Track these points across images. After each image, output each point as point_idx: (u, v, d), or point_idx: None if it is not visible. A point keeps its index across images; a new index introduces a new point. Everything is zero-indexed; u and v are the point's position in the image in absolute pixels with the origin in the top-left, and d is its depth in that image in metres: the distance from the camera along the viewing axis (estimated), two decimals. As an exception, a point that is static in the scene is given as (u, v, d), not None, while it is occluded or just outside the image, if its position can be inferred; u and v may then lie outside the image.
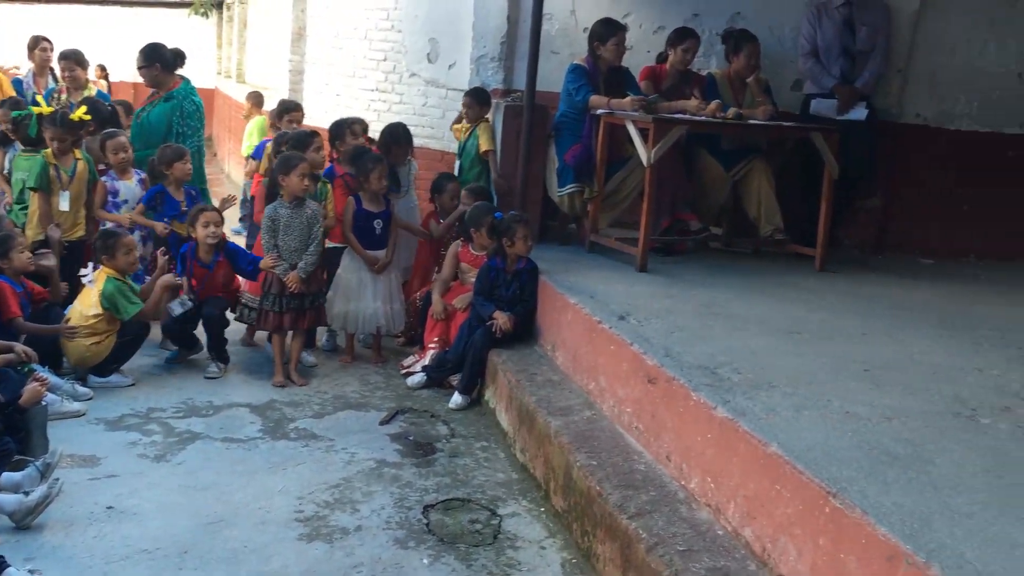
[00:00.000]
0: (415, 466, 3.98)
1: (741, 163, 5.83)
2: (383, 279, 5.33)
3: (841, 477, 2.43)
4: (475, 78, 6.23)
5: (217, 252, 5.03)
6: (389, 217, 5.37)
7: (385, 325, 5.39)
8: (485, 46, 6.15)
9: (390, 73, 7.29)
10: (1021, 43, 6.46)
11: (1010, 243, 6.67)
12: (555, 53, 6.04)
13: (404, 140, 5.75)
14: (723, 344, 3.71)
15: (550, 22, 5.99)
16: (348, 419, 4.51)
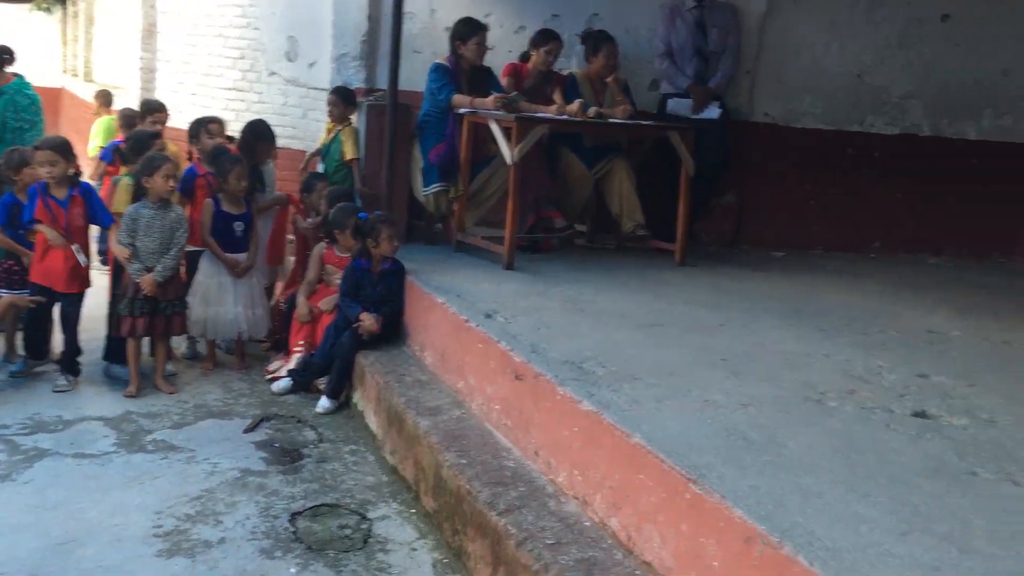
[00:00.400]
0: (281, 473, 3.89)
1: (603, 161, 5.95)
2: (244, 283, 5.18)
3: (701, 464, 2.50)
4: (336, 77, 6.12)
5: (71, 187, 4.75)
6: (251, 219, 5.22)
7: (247, 330, 5.23)
8: (346, 45, 6.06)
9: (248, 72, 7.09)
10: (860, 45, 6.84)
11: (852, 234, 7.07)
12: (417, 52, 6.00)
13: (268, 137, 5.61)
14: (588, 339, 3.77)
15: (411, 21, 5.96)
16: (210, 428, 4.36)
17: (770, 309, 4.65)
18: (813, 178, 6.92)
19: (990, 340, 4.37)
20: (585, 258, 5.72)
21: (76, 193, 4.78)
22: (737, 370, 3.48)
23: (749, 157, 6.66)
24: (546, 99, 5.72)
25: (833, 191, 6.97)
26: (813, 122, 6.87)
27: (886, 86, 6.98)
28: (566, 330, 3.89)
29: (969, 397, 3.37)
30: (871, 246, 7.17)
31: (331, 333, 4.76)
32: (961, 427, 3.02)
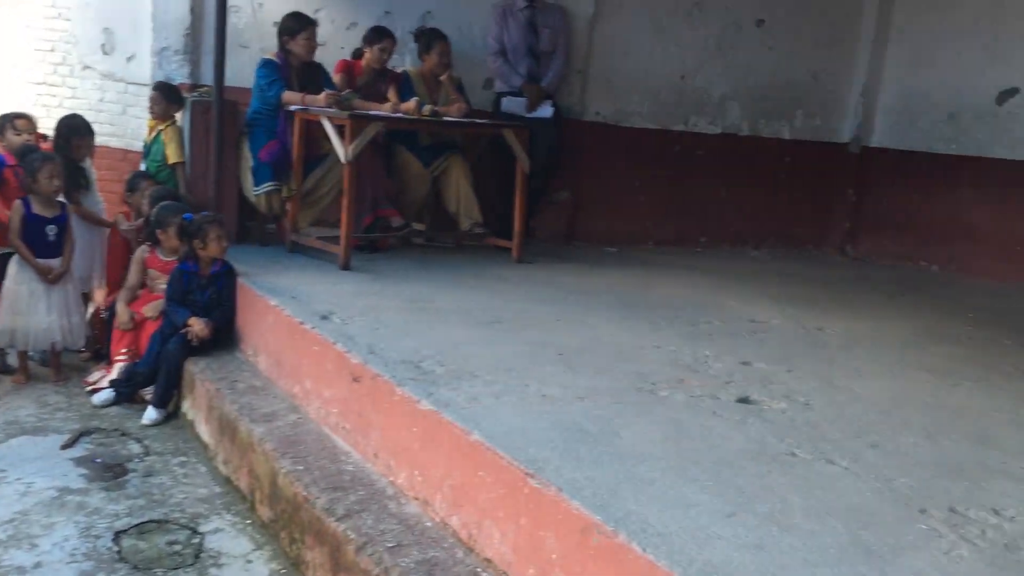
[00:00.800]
0: (104, 490, 3.66)
1: (439, 160, 5.94)
2: (58, 290, 4.84)
3: (539, 457, 2.53)
4: (158, 72, 5.84)
5: None
6: (65, 222, 4.89)
7: (62, 340, 4.90)
8: (167, 38, 5.78)
9: (59, 65, 6.66)
10: (683, 48, 7.13)
11: (680, 229, 7.38)
12: (244, 47, 5.81)
13: (84, 131, 5.27)
14: (427, 338, 3.75)
15: (237, 15, 5.76)
16: (23, 446, 4.06)
17: (604, 303, 4.77)
18: (643, 175, 7.16)
19: (806, 327, 4.64)
20: (423, 257, 5.70)
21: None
22: (573, 364, 3.54)
23: (582, 155, 6.82)
24: (380, 97, 5.65)
25: (662, 188, 7.24)
26: (641, 121, 7.11)
27: (707, 87, 7.31)
28: (404, 329, 3.85)
29: (787, 382, 3.56)
30: (698, 240, 7.50)
31: (157, 340, 4.53)
32: (780, 411, 3.19)
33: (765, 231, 7.73)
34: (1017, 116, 6.86)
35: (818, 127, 7.83)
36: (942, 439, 3.02)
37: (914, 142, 7.52)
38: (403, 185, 5.83)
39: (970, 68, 7.13)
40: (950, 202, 7.25)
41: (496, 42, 6.31)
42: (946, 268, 7.25)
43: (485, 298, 4.64)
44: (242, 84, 5.58)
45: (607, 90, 6.93)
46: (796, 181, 7.78)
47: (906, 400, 3.46)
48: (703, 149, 7.38)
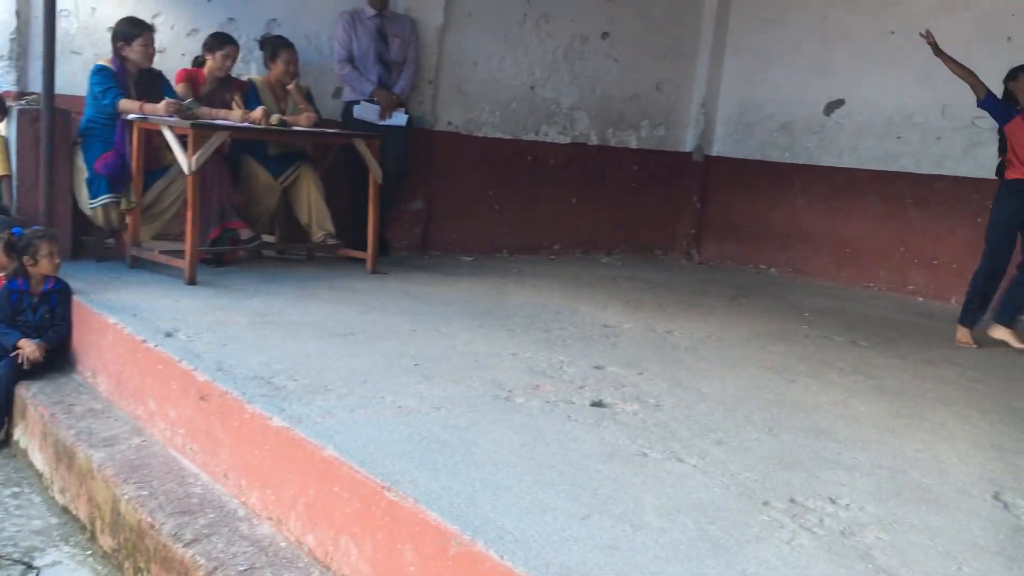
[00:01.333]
0: (-75, 529, 3.39)
1: (289, 170, 5.82)
2: None
3: (395, 470, 2.50)
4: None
5: None
6: None
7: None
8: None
9: None
10: (531, 59, 7.25)
11: (533, 237, 7.49)
12: (77, 53, 5.52)
13: None
14: (278, 352, 3.66)
15: (68, 19, 5.46)
16: None
17: (460, 312, 4.78)
18: (496, 185, 7.23)
19: (655, 330, 4.78)
20: (274, 270, 5.56)
21: None
22: (429, 374, 3.53)
23: (435, 165, 6.83)
24: (225, 105, 5.48)
25: (515, 197, 7.34)
26: (493, 131, 7.18)
27: (556, 98, 7.45)
28: (254, 345, 3.74)
29: (639, 384, 3.66)
30: (551, 248, 7.63)
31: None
32: (632, 412, 3.27)
33: (616, 238, 7.94)
34: (843, 126, 7.32)
35: (663, 137, 8.11)
36: (782, 433, 3.17)
37: (751, 151, 7.90)
38: (251, 196, 5.67)
39: (800, 81, 7.56)
40: (785, 208, 7.65)
41: (344, 49, 6.23)
42: (784, 271, 7.64)
43: (338, 310, 4.56)
44: (75, 92, 5.31)
45: (458, 100, 6.96)
46: (644, 189, 8.04)
47: (748, 397, 3.62)
48: (554, 158, 7.52)
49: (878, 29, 7.06)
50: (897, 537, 2.35)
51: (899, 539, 2.34)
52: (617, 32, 7.65)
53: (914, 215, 6.89)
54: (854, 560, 2.19)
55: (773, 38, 7.72)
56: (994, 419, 3.61)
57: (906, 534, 2.38)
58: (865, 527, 2.40)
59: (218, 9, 5.94)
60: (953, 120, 6.65)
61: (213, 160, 5.06)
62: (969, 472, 2.93)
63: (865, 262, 7.19)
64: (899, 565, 2.18)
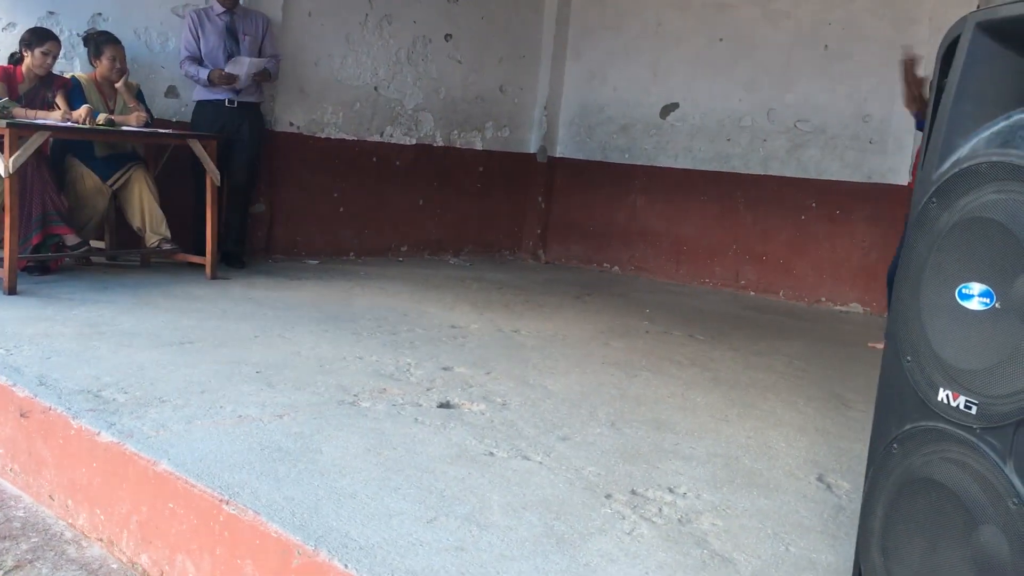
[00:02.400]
0: None
1: (119, 172, 5.55)
2: None
3: (234, 482, 2.42)
4: None
5: None
6: None
7: None
8: None
9: None
10: (374, 60, 7.18)
11: (381, 239, 7.43)
12: None
13: None
14: (109, 364, 3.47)
15: None
16: None
17: (305, 317, 4.68)
18: (341, 186, 7.13)
19: (503, 330, 4.83)
20: (105, 277, 5.29)
21: None
22: (272, 381, 3.44)
23: (278, 166, 6.66)
24: (46, 104, 5.18)
25: (361, 198, 7.25)
26: (336, 132, 7.07)
27: (400, 99, 7.42)
28: (82, 357, 3.54)
29: (486, 384, 3.68)
30: (399, 250, 7.58)
31: None
32: (480, 412, 3.29)
33: (463, 239, 7.97)
34: (678, 128, 7.61)
35: (508, 138, 8.20)
36: (624, 427, 3.26)
37: (592, 152, 8.10)
38: (78, 200, 5.38)
39: (637, 85, 7.81)
40: (626, 208, 7.89)
41: (187, 49, 5.97)
42: (626, 269, 7.88)
43: (175, 318, 4.38)
44: None
45: (300, 100, 6.82)
46: (490, 190, 8.11)
47: (593, 393, 3.70)
48: (400, 160, 7.48)
49: (709, 36, 7.38)
50: (730, 522, 2.46)
51: (732, 524, 2.44)
52: (460, 34, 7.68)
53: (744, 214, 7.24)
54: (691, 547, 2.27)
55: (612, 43, 7.94)
56: (818, 405, 3.83)
57: (739, 519, 2.49)
58: (701, 514, 2.49)
59: (37, 2, 5.59)
60: (777, 123, 7.02)
61: (33, 162, 4.77)
62: (796, 456, 3.09)
63: (701, 259, 7.50)
64: (732, 549, 2.28)
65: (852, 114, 6.64)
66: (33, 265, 5.03)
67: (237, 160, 6.05)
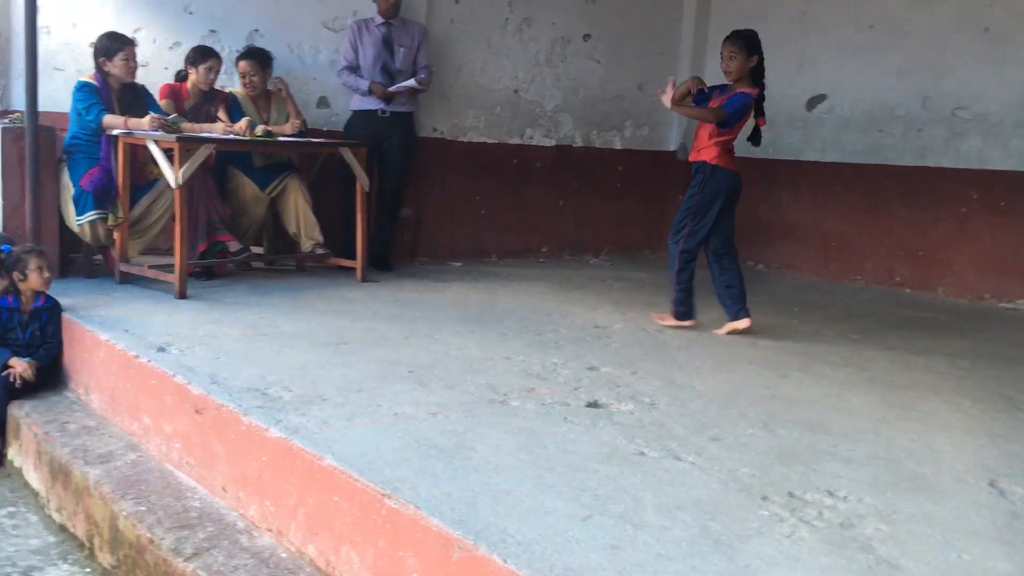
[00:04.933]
0: (-78, 552, 3.37)
1: (276, 180, 5.81)
2: None
3: (394, 477, 2.51)
4: (-38, 97, 5.46)
5: None
6: None
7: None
8: (-29, 61, 5.41)
9: None
10: (513, 63, 7.26)
11: (522, 240, 7.50)
12: (59, 70, 5.51)
13: None
14: (272, 363, 3.65)
15: (49, 36, 5.45)
16: None
17: (452, 318, 4.78)
18: (483, 189, 7.24)
19: (646, 330, 4.80)
20: (264, 281, 5.55)
21: None
22: (424, 380, 3.53)
23: (422, 171, 6.83)
24: (209, 118, 5.48)
25: (502, 200, 7.35)
26: (478, 135, 7.19)
27: (539, 101, 7.47)
28: (248, 357, 3.74)
29: (633, 384, 3.68)
30: (540, 250, 7.64)
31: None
32: (628, 412, 3.29)
33: (603, 238, 7.96)
34: (825, 121, 7.36)
35: (647, 136, 8.14)
36: (777, 428, 3.19)
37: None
38: (239, 208, 5.67)
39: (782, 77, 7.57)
40: (771, 203, 7.68)
41: (345, 58, 6.22)
42: (771, 267, 7.68)
43: (330, 319, 4.56)
44: (58, 109, 5.29)
45: (443, 106, 6.97)
46: (630, 189, 8.06)
47: (742, 393, 3.63)
48: (540, 161, 7.54)
49: (857, 23, 7.11)
50: (896, 527, 2.37)
51: (898, 529, 2.36)
52: (598, 34, 7.67)
53: (898, 207, 6.93)
54: (855, 551, 2.21)
55: (754, 35, 7.75)
56: (986, 406, 3.64)
57: (905, 524, 2.39)
58: (864, 518, 2.42)
59: (200, 22, 5.93)
60: (933, 112, 6.70)
61: (199, 173, 5.06)
62: (964, 460, 2.95)
63: (851, 255, 7.23)
64: (900, 555, 2.20)
65: (1017, 100, 6.26)
66: (200, 270, 5.33)
67: (388, 167, 6.23)
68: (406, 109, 6.35)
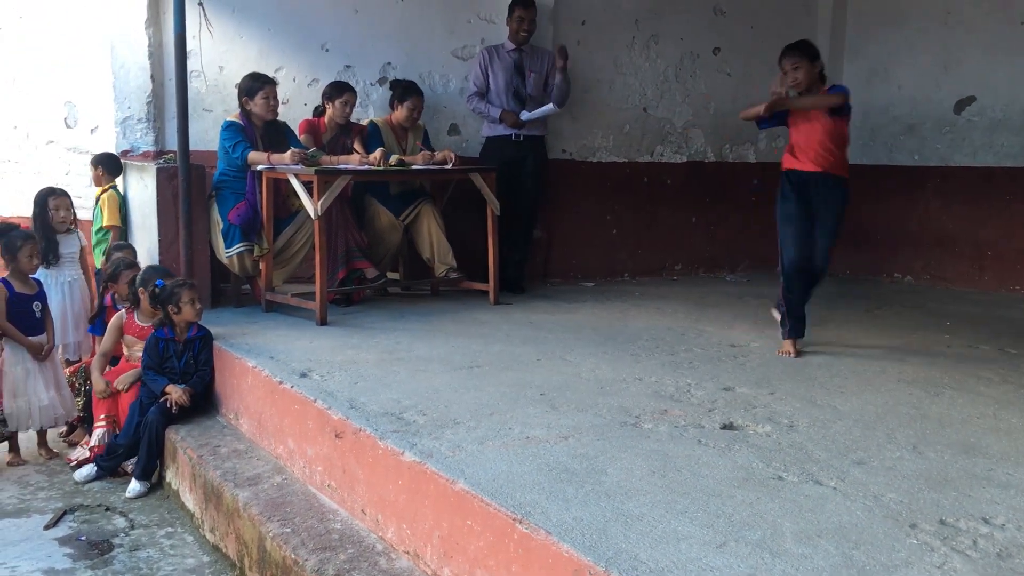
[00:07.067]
0: (90, 568, 3.59)
1: (409, 208, 5.96)
2: (49, 365, 4.80)
3: (526, 502, 2.51)
4: (123, 141, 5.85)
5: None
6: (45, 297, 4.88)
7: (64, 414, 4.86)
8: (130, 107, 5.79)
9: (24, 141, 6.64)
10: (642, 80, 7.22)
11: (654, 259, 7.42)
12: (208, 111, 5.84)
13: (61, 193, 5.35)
14: (407, 388, 3.73)
15: (199, 79, 5.79)
16: (5, 529, 3.98)
17: (584, 339, 4.77)
18: (613, 208, 7.22)
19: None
20: (400, 306, 5.69)
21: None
22: (555, 403, 3.53)
23: (552, 193, 6.86)
24: (346, 151, 5.68)
25: (633, 219, 7.29)
26: (607, 155, 7.18)
27: (669, 117, 7.39)
28: (384, 381, 3.83)
29: (770, 405, 3.56)
30: (673, 269, 7.53)
31: (136, 411, 4.48)
32: (765, 434, 3.19)
33: (739, 254, 7.78)
34: (975, 124, 6.99)
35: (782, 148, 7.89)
36: (927, 450, 3.02)
37: (877, 156, 7.62)
38: (375, 236, 5.84)
39: (925, 80, 7.26)
40: (919, 212, 7.33)
41: (476, 84, 6.35)
42: (920, 278, 7.32)
43: (463, 343, 4.63)
44: (208, 147, 5.61)
45: (571, 127, 6.99)
46: (766, 203, 7.81)
47: (889, 414, 3.47)
48: (671, 178, 7.45)
49: (1007, 18, 6.73)
50: (1061, 559, 2.20)
51: (1064, 561, 2.19)
52: (729, 46, 7.54)
53: (1060, 211, 6.49)
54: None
55: (894, 38, 7.45)
56: None
57: (1071, 555, 2.22)
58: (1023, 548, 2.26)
59: (336, 58, 6.18)
60: (1097, 108, 6.25)
61: (337, 204, 5.24)
62: None
63: (1009, 264, 6.81)
64: (1065, 589, 2.04)
65: None
66: (339, 297, 5.52)
67: (521, 191, 6.30)
68: (538, 133, 6.42)
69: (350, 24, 6.21)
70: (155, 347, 4.54)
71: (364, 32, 6.25)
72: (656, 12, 7.18)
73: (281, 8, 6.03)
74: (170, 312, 4.54)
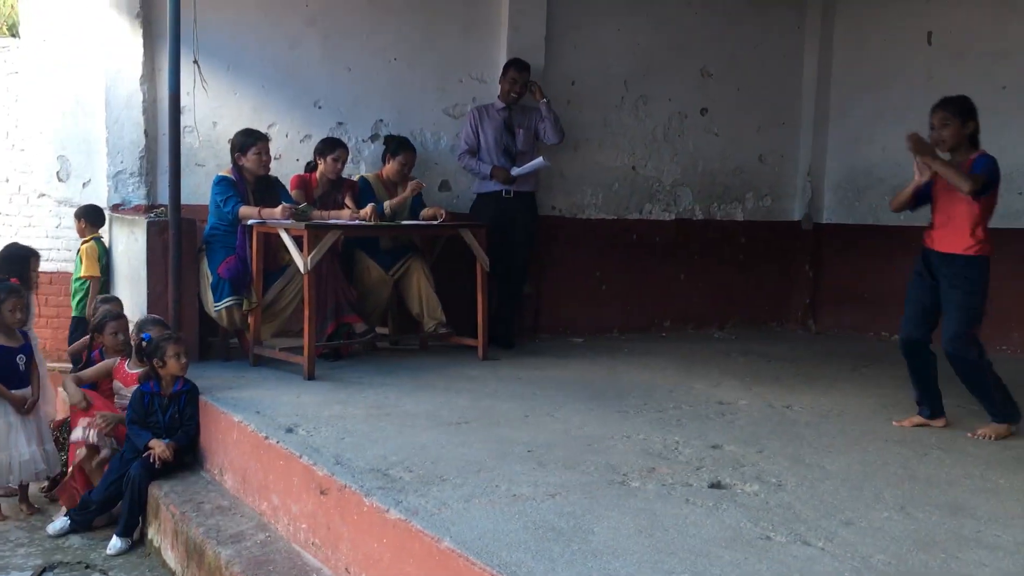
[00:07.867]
0: (68, 628, 3.53)
1: (399, 262, 5.97)
2: (33, 419, 4.76)
3: (511, 561, 2.49)
4: (114, 195, 5.90)
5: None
6: (31, 351, 4.85)
7: (46, 468, 4.81)
8: (122, 161, 5.84)
9: (15, 195, 6.68)
10: (631, 140, 7.32)
11: (643, 315, 7.44)
12: (200, 166, 5.89)
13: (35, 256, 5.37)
14: (394, 443, 3.71)
15: (192, 135, 5.84)
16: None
17: (572, 395, 4.76)
18: (602, 265, 7.26)
19: (773, 406, 4.65)
20: (389, 361, 5.68)
21: None
22: (543, 460, 3.52)
23: (541, 248, 6.90)
24: (337, 206, 5.72)
25: (622, 276, 7.33)
26: (596, 212, 7.24)
27: (657, 176, 7.48)
28: (371, 437, 3.81)
29: (759, 463, 3.56)
30: (662, 325, 7.55)
31: (116, 466, 4.43)
32: (753, 493, 3.17)
33: (727, 311, 7.81)
34: (959, 185, 7.06)
35: (770, 207, 8.00)
36: (915, 511, 3.01)
37: (863, 216, 7.70)
38: (365, 290, 5.84)
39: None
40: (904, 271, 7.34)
41: (466, 142, 6.43)
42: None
43: (451, 398, 4.62)
44: (200, 201, 5.64)
45: (560, 184, 7.06)
46: (754, 261, 7.91)
47: (876, 473, 3.46)
48: (659, 235, 7.50)
49: (990, 85, 6.86)
50: (1050, 622, 2.19)
51: (1052, 624, 2.17)
52: (716, 107, 7.66)
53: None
54: (1003, 649, 2.05)
55: (877, 103, 7.57)
56: None
57: (1060, 619, 2.21)
58: (1013, 612, 2.24)
59: (328, 114, 6.25)
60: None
61: (327, 258, 5.26)
62: None
63: (998, 323, 6.82)
64: (1054, 654, 2.03)
65: None
66: (328, 352, 5.50)
67: (511, 247, 6.33)
68: (529, 189, 6.49)
69: (343, 82, 6.30)
70: (140, 401, 4.51)
71: (357, 89, 6.34)
72: (645, 73, 7.30)
73: (275, 65, 6.12)
74: (155, 366, 4.52)
